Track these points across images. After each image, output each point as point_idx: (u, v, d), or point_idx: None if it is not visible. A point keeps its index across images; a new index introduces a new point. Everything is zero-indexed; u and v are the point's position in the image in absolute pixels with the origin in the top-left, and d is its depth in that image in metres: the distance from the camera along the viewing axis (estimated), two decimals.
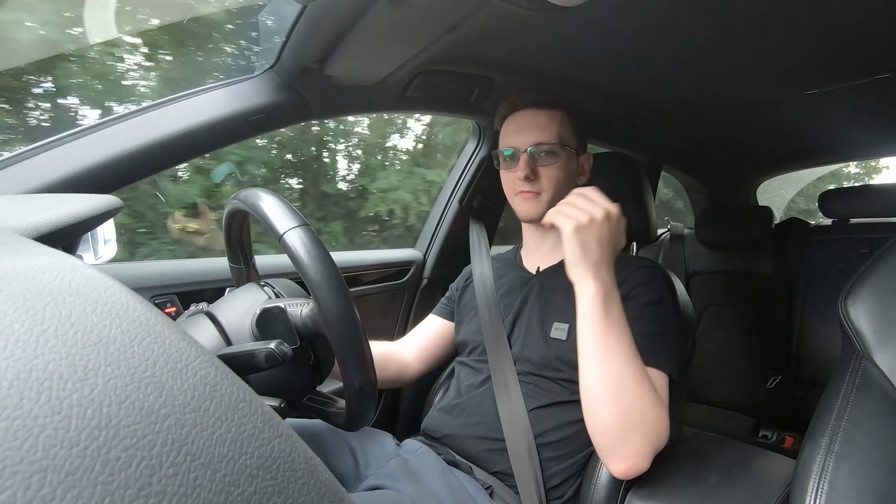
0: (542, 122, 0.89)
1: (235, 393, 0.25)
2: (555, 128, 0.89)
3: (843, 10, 0.87)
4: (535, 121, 0.90)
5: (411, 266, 1.43)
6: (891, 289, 0.61)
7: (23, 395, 0.19)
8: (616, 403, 0.69)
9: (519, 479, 0.81)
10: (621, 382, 0.69)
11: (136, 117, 0.82)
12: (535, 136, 0.89)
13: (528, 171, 0.87)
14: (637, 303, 0.82)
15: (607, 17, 0.89)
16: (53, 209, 0.44)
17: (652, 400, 0.70)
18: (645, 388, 0.70)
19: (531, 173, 0.88)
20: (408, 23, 0.84)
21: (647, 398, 0.70)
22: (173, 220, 1.73)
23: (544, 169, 0.89)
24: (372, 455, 0.87)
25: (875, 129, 1.65)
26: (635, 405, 0.69)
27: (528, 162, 0.88)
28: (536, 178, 0.89)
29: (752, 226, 1.81)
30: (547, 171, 0.89)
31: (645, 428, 0.70)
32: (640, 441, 0.70)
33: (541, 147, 0.88)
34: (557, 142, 0.88)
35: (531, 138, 0.89)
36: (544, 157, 0.88)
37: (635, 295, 0.83)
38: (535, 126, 0.89)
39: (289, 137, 2.69)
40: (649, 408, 0.70)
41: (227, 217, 0.66)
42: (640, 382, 0.70)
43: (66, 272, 0.26)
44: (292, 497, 0.24)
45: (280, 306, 0.58)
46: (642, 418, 0.69)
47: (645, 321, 0.80)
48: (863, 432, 0.57)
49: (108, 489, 0.19)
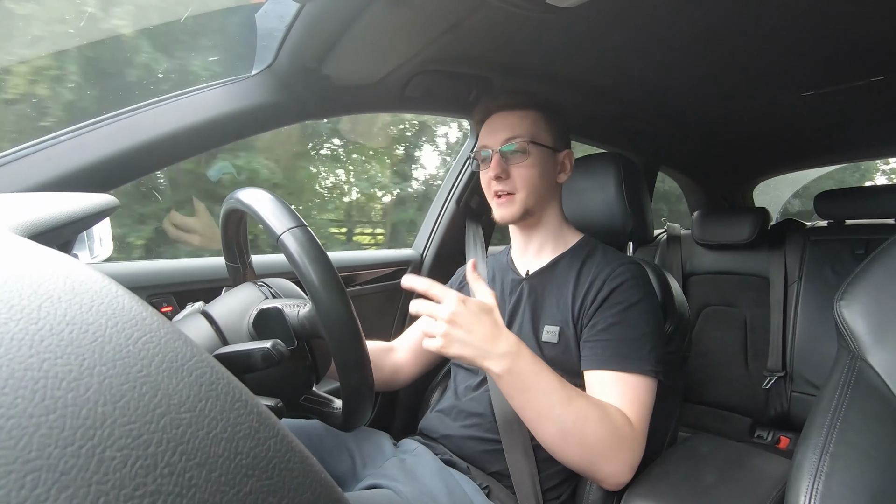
0: (513, 122, 0.90)
1: (231, 393, 0.25)
2: (526, 126, 0.89)
3: (839, 12, 0.88)
4: (505, 122, 0.90)
5: (408, 266, 1.44)
6: (886, 290, 0.61)
7: (17, 394, 0.19)
8: (568, 448, 0.71)
9: (516, 480, 0.81)
10: (563, 431, 0.70)
11: (132, 116, 0.82)
12: (505, 135, 0.89)
13: (498, 170, 0.88)
14: (616, 307, 0.82)
15: (604, 17, 0.89)
16: (49, 208, 0.44)
17: (601, 428, 0.71)
18: (589, 423, 0.70)
19: (502, 172, 0.88)
20: (405, 23, 0.84)
21: (595, 430, 0.71)
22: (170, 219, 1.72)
23: (516, 168, 0.88)
24: (369, 455, 0.87)
25: (871, 131, 1.66)
26: (586, 442, 0.70)
27: (498, 161, 0.88)
28: (508, 178, 0.88)
29: (749, 227, 1.82)
30: (518, 169, 0.88)
31: (607, 454, 0.71)
32: (608, 464, 0.72)
33: (510, 144, 0.88)
34: (527, 139, 0.88)
35: (501, 138, 0.89)
36: (515, 155, 0.88)
37: (615, 299, 0.83)
38: (505, 126, 0.90)
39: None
40: (602, 437, 0.71)
41: (224, 216, 0.66)
42: (581, 423, 0.70)
43: (62, 271, 0.25)
44: (288, 497, 0.24)
45: (277, 307, 0.58)
46: (599, 448, 0.71)
47: (625, 326, 0.80)
48: (858, 433, 0.57)
49: (103, 489, 0.19)
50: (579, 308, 0.84)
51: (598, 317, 0.82)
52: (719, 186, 2.26)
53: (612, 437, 0.71)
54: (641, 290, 0.84)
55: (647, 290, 0.85)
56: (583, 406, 0.71)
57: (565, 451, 0.72)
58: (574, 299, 0.85)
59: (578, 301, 0.85)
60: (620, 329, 0.80)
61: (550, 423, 0.70)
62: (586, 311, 0.84)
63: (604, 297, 0.83)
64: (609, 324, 0.81)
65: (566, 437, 0.70)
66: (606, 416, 0.72)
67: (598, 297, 0.83)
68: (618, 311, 0.81)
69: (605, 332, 0.80)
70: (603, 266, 0.87)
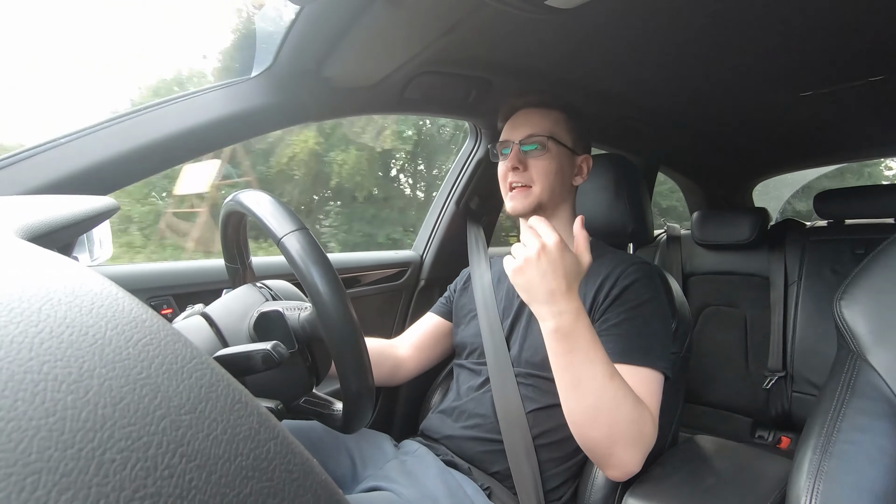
0: (536, 120, 0.92)
1: (231, 395, 0.25)
2: (548, 124, 0.91)
3: (838, 12, 0.88)
4: (529, 118, 0.92)
5: (409, 267, 1.43)
6: (886, 289, 0.61)
7: (17, 396, 0.19)
8: (596, 425, 0.70)
9: (517, 481, 0.81)
10: (597, 407, 0.69)
11: (132, 118, 0.82)
12: (528, 131, 0.91)
13: (516, 161, 0.89)
14: (630, 303, 0.82)
15: (604, 19, 0.89)
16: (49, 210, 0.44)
17: (634, 412, 0.70)
18: (625, 404, 0.70)
19: (519, 164, 0.89)
20: (405, 25, 0.84)
21: (628, 412, 0.70)
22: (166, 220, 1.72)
23: (534, 161, 0.90)
24: (370, 456, 0.87)
25: (870, 131, 1.66)
26: (616, 423, 0.69)
27: (517, 153, 0.90)
28: (526, 170, 0.90)
29: (749, 227, 1.82)
30: (536, 162, 0.90)
31: (630, 439, 0.70)
32: (627, 450, 0.71)
33: (531, 139, 0.90)
34: (548, 135, 0.90)
35: (523, 133, 0.91)
36: (534, 150, 0.90)
37: (627, 296, 0.83)
38: (528, 123, 0.92)
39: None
40: (632, 421, 0.70)
41: (224, 219, 0.66)
42: (618, 401, 0.69)
43: (62, 274, 0.25)
44: (288, 499, 0.24)
45: (278, 310, 0.58)
46: (625, 432, 0.70)
47: (639, 321, 0.80)
48: (858, 432, 0.57)
49: (103, 491, 0.19)
50: (591, 304, 0.85)
51: (610, 313, 0.82)
52: (718, 186, 2.26)
53: (639, 422, 0.70)
54: (653, 288, 0.85)
55: (658, 290, 0.86)
56: (622, 386, 0.70)
57: (593, 427, 0.70)
58: (585, 295, 0.86)
59: (590, 297, 0.85)
60: (633, 325, 0.80)
61: (589, 394, 0.69)
62: (598, 308, 0.84)
63: (616, 294, 0.83)
64: (621, 319, 0.81)
65: (598, 412, 0.69)
66: (639, 402, 0.72)
67: (610, 293, 0.84)
68: (630, 308, 0.82)
69: (617, 326, 0.81)
70: (615, 265, 0.88)
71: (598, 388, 0.69)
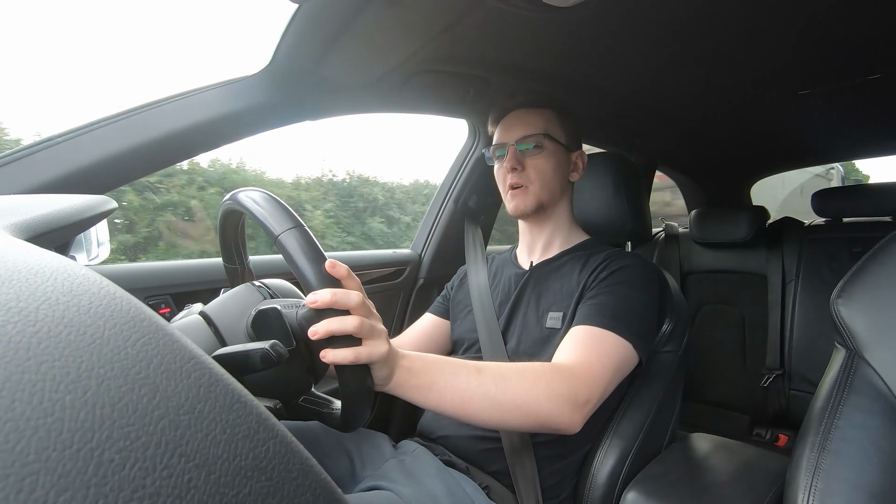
0: (530, 119, 0.93)
1: (230, 394, 0.25)
2: (542, 123, 0.92)
3: (835, 11, 0.88)
4: (522, 119, 0.93)
5: (407, 266, 1.43)
6: (883, 287, 0.61)
7: (15, 396, 0.19)
8: (510, 413, 0.66)
9: (516, 479, 0.81)
10: (494, 399, 0.64)
11: (130, 117, 0.82)
12: (522, 131, 0.92)
13: (514, 161, 0.91)
14: (613, 280, 0.84)
15: (601, 17, 0.89)
16: (46, 209, 0.43)
17: (534, 375, 0.67)
18: (518, 376, 0.66)
19: (517, 164, 0.91)
20: (403, 23, 0.84)
21: (529, 379, 0.66)
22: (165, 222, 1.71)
23: (531, 160, 0.91)
24: (368, 456, 0.87)
25: (867, 130, 1.67)
26: (522, 396, 0.65)
27: (514, 154, 0.91)
28: (523, 170, 0.91)
29: (746, 225, 1.82)
30: (534, 161, 0.91)
31: (550, 398, 0.67)
32: (556, 408, 0.67)
33: (527, 139, 0.91)
34: (543, 133, 0.91)
35: (518, 133, 0.92)
36: (530, 149, 0.91)
37: (614, 277, 0.84)
38: (522, 123, 0.93)
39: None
40: (538, 383, 0.66)
41: (222, 218, 0.66)
42: (508, 380, 0.66)
43: (60, 273, 0.25)
44: (287, 498, 0.24)
45: (276, 308, 0.58)
46: (540, 397, 0.66)
47: (616, 295, 0.81)
48: (856, 430, 0.57)
49: (102, 491, 0.19)
50: (583, 289, 0.86)
51: (594, 289, 0.84)
52: (716, 185, 2.27)
53: (540, 380, 0.67)
54: (642, 276, 0.86)
55: (648, 280, 0.87)
56: (492, 368, 0.67)
57: (509, 418, 0.66)
58: (579, 283, 0.87)
59: (583, 283, 0.87)
60: (609, 297, 0.81)
61: (477, 398, 0.64)
62: (588, 289, 0.85)
63: (605, 276, 0.85)
64: (601, 291, 0.82)
65: (498, 405, 0.65)
66: (524, 367, 0.69)
67: (599, 276, 0.86)
68: (613, 284, 0.83)
69: (594, 297, 0.82)
70: (611, 256, 0.89)
71: (477, 387, 0.64)
